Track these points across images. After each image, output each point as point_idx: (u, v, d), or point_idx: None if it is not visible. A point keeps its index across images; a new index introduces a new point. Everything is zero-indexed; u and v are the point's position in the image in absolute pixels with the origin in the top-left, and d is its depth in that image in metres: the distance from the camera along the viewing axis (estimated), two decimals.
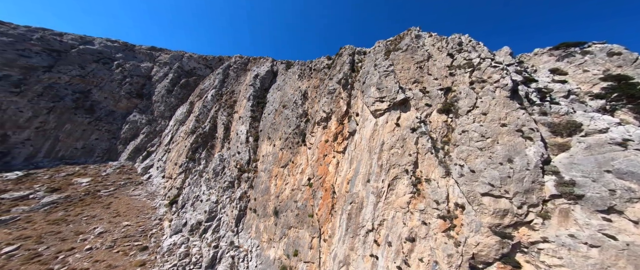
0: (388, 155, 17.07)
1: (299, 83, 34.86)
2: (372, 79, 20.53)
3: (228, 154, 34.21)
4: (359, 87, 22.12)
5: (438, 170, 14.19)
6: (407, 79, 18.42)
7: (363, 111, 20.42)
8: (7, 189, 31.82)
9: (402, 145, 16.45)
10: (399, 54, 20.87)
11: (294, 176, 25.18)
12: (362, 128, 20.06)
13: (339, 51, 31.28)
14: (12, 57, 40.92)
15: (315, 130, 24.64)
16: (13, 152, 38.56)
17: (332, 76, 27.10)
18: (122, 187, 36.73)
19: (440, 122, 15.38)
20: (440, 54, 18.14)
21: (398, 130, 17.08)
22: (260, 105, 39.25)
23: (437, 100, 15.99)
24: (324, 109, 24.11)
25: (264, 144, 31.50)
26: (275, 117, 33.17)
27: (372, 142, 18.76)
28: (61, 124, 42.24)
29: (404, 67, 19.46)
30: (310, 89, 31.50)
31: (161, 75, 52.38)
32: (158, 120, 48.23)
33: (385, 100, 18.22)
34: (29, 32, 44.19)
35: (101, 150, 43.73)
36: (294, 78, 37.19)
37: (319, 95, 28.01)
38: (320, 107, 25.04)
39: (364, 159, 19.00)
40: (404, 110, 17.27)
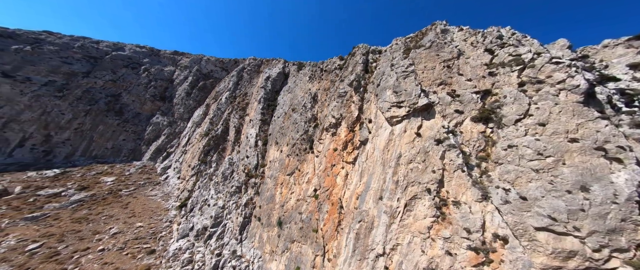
0: (406, 171, 14.11)
1: (309, 85, 32.80)
2: (388, 80, 17.57)
3: (237, 158, 33.37)
4: (373, 90, 19.26)
5: (471, 192, 11.04)
6: (431, 81, 15.19)
7: (377, 117, 17.55)
8: (44, 186, 34.41)
9: (424, 159, 13.39)
10: (421, 52, 17.60)
11: (300, 185, 23.07)
12: (375, 137, 17.22)
13: (352, 50, 28.56)
14: (57, 64, 44.99)
15: (324, 137, 22.26)
16: (55, 151, 42.10)
17: (343, 78, 24.50)
18: (141, 187, 37.94)
19: (475, 133, 12.04)
20: (474, 51, 14.62)
21: (419, 142, 14.00)
22: (270, 108, 38.01)
23: (471, 106, 12.63)
24: (333, 114, 21.63)
25: (272, 149, 29.96)
26: (284, 121, 31.49)
27: (387, 154, 15.86)
28: (95, 126, 45.36)
29: (427, 66, 16.21)
30: (320, 92, 29.23)
31: (181, 79, 54.28)
32: (178, 122, 49.79)
33: (404, 106, 15.19)
34: (72, 41, 48.52)
35: (127, 150, 46.13)
36: (304, 80, 35.25)
37: (329, 98, 25.61)
38: (330, 111, 22.61)
39: (377, 172, 16.18)
40: (427, 117, 14.12)
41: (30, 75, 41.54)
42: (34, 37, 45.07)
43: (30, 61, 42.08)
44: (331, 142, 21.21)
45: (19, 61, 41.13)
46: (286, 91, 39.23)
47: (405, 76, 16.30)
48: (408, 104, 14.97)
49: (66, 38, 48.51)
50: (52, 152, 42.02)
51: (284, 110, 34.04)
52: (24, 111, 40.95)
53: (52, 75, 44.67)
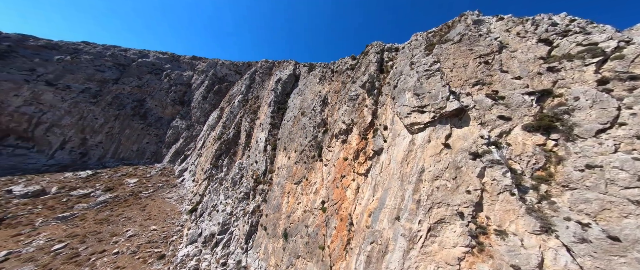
0: (430, 188, 11.42)
1: (319, 87, 30.80)
2: (407, 81, 14.82)
3: (247, 163, 32.51)
4: (389, 93, 16.58)
5: (525, 221, 8.34)
6: (462, 81, 12.20)
7: (394, 124, 14.89)
8: (77, 187, 36.73)
9: (455, 176, 10.60)
10: (448, 48, 14.56)
11: (307, 196, 21.08)
12: (391, 146, 14.58)
13: (365, 49, 25.96)
14: (92, 72, 48.71)
15: (333, 145, 20.03)
16: (90, 153, 45.33)
17: (356, 79, 22.04)
18: (159, 189, 38.98)
19: (529, 145, 8.99)
20: (523, 42, 11.37)
21: (448, 154, 11.17)
22: (280, 111, 36.73)
23: (522, 111, 9.55)
24: (344, 119, 19.30)
25: (281, 154, 28.46)
26: (293, 126, 29.84)
27: (406, 167, 13.18)
28: (123, 129, 48.15)
29: (456, 63, 13.20)
30: (330, 94, 27.04)
31: (198, 83, 55.87)
32: (195, 125, 51.08)
33: (428, 110, 12.41)
34: (104, 49, 52.42)
35: (150, 153, 48.23)
36: (314, 82, 33.34)
37: (339, 101, 23.32)
38: (340, 116, 20.32)
39: (394, 188, 13.60)
40: (459, 124, 11.21)
41: (69, 83, 45.44)
42: (73, 48, 49.43)
43: (69, 70, 46.06)
44: (341, 151, 18.91)
45: (61, 70, 45.20)
46: (296, 94, 37.69)
47: (428, 76, 13.47)
48: (433, 108, 12.15)
49: (99, 47, 52.54)
50: (87, 154, 45.28)
51: (293, 114, 32.46)
52: (64, 116, 44.71)
53: (88, 82, 48.39)
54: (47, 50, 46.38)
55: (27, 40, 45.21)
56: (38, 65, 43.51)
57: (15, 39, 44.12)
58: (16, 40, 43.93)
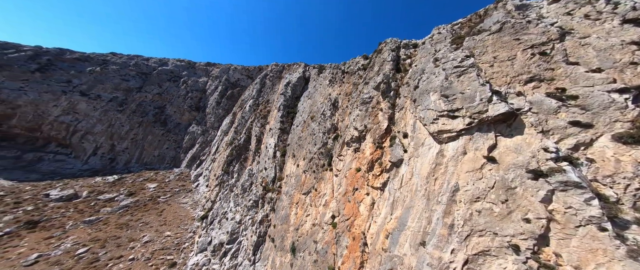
0: (468, 211, 8.97)
1: (328, 90, 28.86)
2: (431, 81, 12.27)
3: (257, 169, 31.54)
4: (408, 94, 14.09)
5: (624, 267, 5.49)
6: (509, 77, 9.45)
7: (416, 131, 12.40)
8: (104, 191, 38.67)
9: (506, 199, 8.09)
10: (485, 39, 11.76)
11: (316, 208, 19.13)
12: (413, 157, 12.11)
13: (378, 47, 23.52)
14: (118, 81, 51.90)
15: (344, 153, 17.89)
16: (117, 159, 48.00)
17: (368, 80, 19.73)
18: (176, 194, 39.72)
19: (628, 162, 6.17)
20: (597, 25, 8.40)
21: (493, 170, 8.56)
22: (290, 115, 35.40)
23: (610, 115, 6.72)
24: (356, 126, 17.10)
25: (289, 161, 26.91)
26: (303, 131, 28.19)
27: (433, 184, 10.70)
28: (146, 136, 50.44)
29: (498, 57, 10.42)
30: (341, 97, 24.95)
31: (212, 89, 57.08)
32: (209, 131, 51.99)
33: (461, 115, 9.83)
34: (128, 59, 55.79)
35: (169, 158, 49.89)
36: (324, 84, 31.49)
37: (350, 105, 21.13)
38: (351, 121, 18.14)
39: (417, 207, 11.22)
40: (508, 133, 8.53)
41: (100, 93, 48.82)
42: (102, 59, 53.26)
43: (99, 80, 49.53)
44: (353, 160, 16.72)
45: (92, 81, 48.76)
46: (306, 97, 36.13)
47: (459, 73, 10.84)
48: (468, 112, 9.55)
49: (124, 57, 56.04)
50: (115, 159, 47.99)
51: (302, 119, 30.85)
52: (96, 124, 47.95)
53: (115, 91, 51.58)
54: (80, 62, 50.40)
55: (64, 53, 49.55)
56: (73, 77, 47.36)
57: (54, 52, 48.56)
58: (55, 54, 48.32)
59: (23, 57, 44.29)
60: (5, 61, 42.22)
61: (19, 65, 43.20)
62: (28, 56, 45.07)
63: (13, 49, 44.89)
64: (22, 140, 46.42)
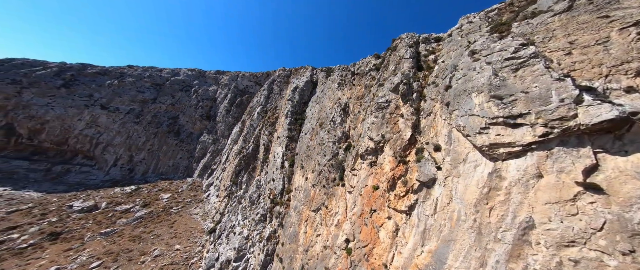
0: (554, 259, 6.03)
1: (338, 93, 26.42)
2: (472, 78, 9.37)
3: (265, 180, 29.70)
4: (437, 96, 11.23)
5: None
6: (604, 68, 6.38)
7: (452, 143, 9.51)
8: (121, 202, 39.05)
9: (631, 248, 4.96)
10: (548, 21, 8.71)
11: (327, 228, 16.58)
12: (451, 177, 9.23)
13: (392, 44, 20.76)
14: (134, 93, 53.53)
15: (358, 167, 15.25)
16: (136, 169, 48.97)
17: (383, 81, 17.02)
18: (188, 204, 39.15)
19: None
20: None
21: (597, 204, 5.51)
22: (298, 122, 33.38)
23: None
24: (371, 135, 14.43)
25: (298, 173, 24.67)
26: (311, 139, 25.90)
27: (487, 214, 7.85)
28: (161, 146, 51.17)
29: (577, 42, 7.36)
30: (352, 101, 22.38)
31: (222, 97, 57.11)
32: (220, 140, 51.65)
33: (528, 123, 6.89)
34: (143, 71, 57.64)
35: (183, 168, 50.08)
36: (332, 88, 29.12)
37: (363, 110, 18.48)
38: (365, 130, 15.49)
39: (462, 241, 8.44)
40: (619, 149, 5.49)
41: (118, 106, 50.58)
42: (119, 72, 55.47)
43: (117, 93, 51.38)
44: (369, 176, 14.03)
45: (111, 94, 50.69)
46: (314, 102, 33.98)
47: (517, 66, 7.90)
48: (541, 119, 6.60)
49: (139, 69, 58.03)
50: (133, 170, 49.01)
51: (311, 125, 28.63)
52: (116, 137, 49.47)
53: (132, 104, 53.18)
54: (100, 76, 52.76)
55: (86, 68, 52.20)
56: (94, 91, 49.54)
57: (77, 68, 51.28)
58: (78, 70, 51.01)
59: (49, 74, 47.10)
60: (34, 78, 45.07)
61: (46, 81, 45.90)
62: (54, 72, 47.87)
63: (40, 66, 47.96)
64: (52, 154, 48.91)
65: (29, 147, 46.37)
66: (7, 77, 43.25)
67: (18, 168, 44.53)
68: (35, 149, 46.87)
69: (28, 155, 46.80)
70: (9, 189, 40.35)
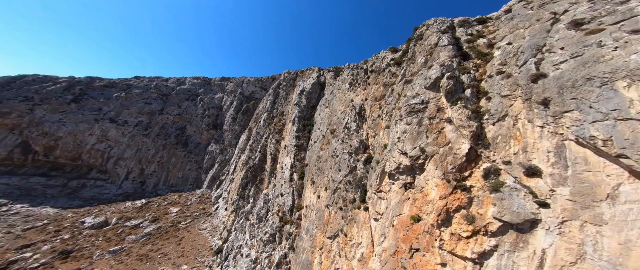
0: None
1: (350, 95, 22.87)
2: (601, 59, 5.48)
3: (273, 194, 26.59)
4: (515, 92, 7.37)
5: None
6: None
7: (573, 165, 5.65)
8: (131, 217, 37.53)
9: None
10: None
11: (348, 261, 13.00)
12: (572, 221, 5.34)
13: (415, 33, 16.95)
14: (141, 105, 52.83)
15: (386, 189, 11.56)
16: (147, 182, 47.86)
17: (410, 77, 13.25)
18: (196, 218, 36.98)
19: None
20: None
21: None
22: (306, 128, 30.11)
23: None
24: (404, 148, 10.70)
25: (308, 188, 21.25)
26: (322, 148, 22.46)
27: None
28: (170, 158, 49.88)
29: None
30: (369, 103, 18.72)
31: (228, 104, 55.24)
32: (227, 149, 49.58)
33: None
34: (149, 82, 57.08)
35: (192, 179, 48.41)
36: (343, 88, 25.62)
37: (384, 114, 14.76)
38: (394, 141, 11.76)
39: None
40: None
41: (126, 119, 49.97)
42: (126, 84, 55.19)
43: (125, 106, 50.84)
44: (405, 202, 10.32)
45: (119, 107, 50.22)
46: (323, 106, 30.61)
47: None
48: None
49: (146, 80, 57.53)
50: (145, 182, 47.94)
51: (321, 132, 25.23)
52: (126, 150, 48.72)
53: (140, 116, 52.46)
54: (108, 89, 52.57)
55: (94, 81, 52.20)
56: (103, 105, 49.23)
57: (86, 82, 51.34)
58: (86, 83, 51.03)
59: (59, 90, 47.22)
60: (45, 95, 45.24)
61: (56, 97, 45.97)
62: (63, 87, 47.98)
63: (50, 82, 48.25)
64: (69, 169, 48.86)
65: (47, 163, 46.56)
66: (20, 94, 43.63)
67: (36, 184, 44.61)
68: (53, 165, 46.99)
69: (46, 171, 46.99)
70: (27, 206, 40.09)
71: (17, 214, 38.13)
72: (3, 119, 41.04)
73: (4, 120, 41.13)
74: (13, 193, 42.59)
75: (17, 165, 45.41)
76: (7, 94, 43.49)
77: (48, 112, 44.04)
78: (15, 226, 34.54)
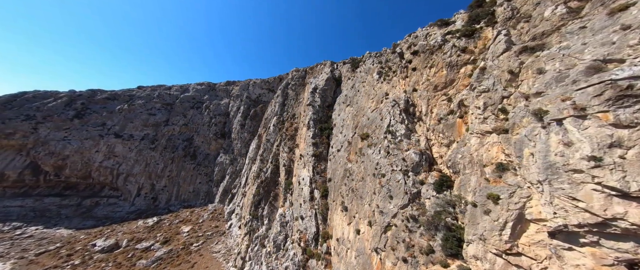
0: None
1: (382, 87, 17.33)
2: None
3: (290, 215, 21.89)
4: None
5: None
6: None
7: None
8: (142, 238, 34.79)
9: None
10: None
11: None
12: None
13: None
14: (146, 117, 50.43)
15: (532, 252, 6.10)
16: (159, 198, 45.49)
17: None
18: (209, 239, 33.58)
19: None
20: None
21: None
22: (324, 132, 25.05)
23: None
24: (614, 177, 5.19)
25: (338, 214, 16.10)
26: (350, 159, 17.21)
27: None
28: (179, 172, 47.16)
29: None
30: (421, 95, 13.14)
31: (235, 110, 51.51)
32: (237, 159, 45.93)
33: None
34: (152, 91, 54.66)
35: (203, 193, 45.42)
36: (369, 80, 20.12)
37: (477, 108, 9.17)
38: (551, 157, 6.25)
39: None
40: None
41: (132, 132, 47.76)
42: (129, 94, 53.09)
43: (129, 118, 48.62)
44: None
45: (123, 120, 48.06)
46: (342, 104, 25.31)
47: None
48: None
49: (148, 89, 55.14)
50: (157, 198, 45.60)
51: (345, 137, 19.99)
52: (135, 166, 46.53)
53: (145, 128, 50.08)
54: (110, 101, 50.63)
55: (96, 94, 50.43)
56: (106, 119, 47.26)
57: (87, 95, 49.64)
58: (87, 97, 49.31)
59: (61, 105, 45.67)
60: (47, 112, 43.78)
61: (58, 114, 44.39)
62: (64, 103, 46.39)
63: (51, 97, 46.85)
64: (82, 187, 47.57)
65: (60, 183, 45.45)
66: (21, 112, 42.40)
67: (51, 205, 43.53)
68: (67, 184, 45.84)
69: (60, 191, 45.95)
70: (41, 228, 38.73)
71: (31, 237, 36.65)
72: (8, 140, 39.72)
73: (9, 142, 39.83)
74: (28, 215, 41.57)
75: (31, 187, 44.52)
76: (8, 114, 42.32)
77: (52, 130, 42.50)
78: (29, 250, 32.86)
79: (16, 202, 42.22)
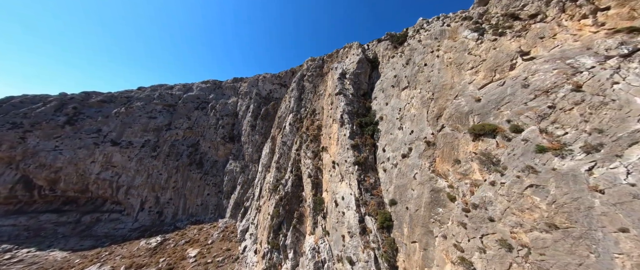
0: None
1: (502, 44, 9.88)
2: None
3: (326, 249, 14.91)
4: None
5: None
6: None
7: None
8: (143, 264, 29.16)
9: None
10: None
11: None
12: None
13: None
14: (145, 121, 45.42)
15: None
16: (164, 212, 40.28)
17: None
18: (220, 267, 27.39)
19: None
20: None
21: None
22: (365, 130, 17.92)
23: None
24: None
25: (428, 259, 8.87)
26: (436, 169, 9.93)
27: None
28: (185, 182, 41.85)
29: None
30: None
31: (244, 109, 45.55)
32: (249, 166, 39.80)
33: None
34: (152, 91, 49.79)
35: (213, 206, 39.79)
36: (452, 46, 12.69)
37: None
38: None
39: None
40: None
41: (131, 139, 42.91)
42: (126, 96, 48.44)
43: (127, 123, 43.79)
44: None
45: (120, 125, 43.29)
46: (390, 88, 18.06)
47: None
48: None
49: (148, 90, 50.34)
50: (162, 212, 40.40)
51: (413, 136, 12.75)
52: (136, 177, 41.55)
53: (145, 134, 45.09)
54: (106, 105, 46.07)
55: (90, 97, 46.02)
56: (102, 124, 42.63)
57: (80, 98, 45.27)
58: (80, 100, 44.92)
59: (50, 110, 41.39)
60: (35, 118, 39.54)
61: (47, 120, 40.07)
62: (54, 107, 42.04)
63: (40, 102, 42.74)
64: (83, 202, 43.09)
65: (58, 197, 41.24)
66: (7, 120, 38.29)
67: (46, 223, 39.20)
68: (66, 199, 41.58)
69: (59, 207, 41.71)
70: (33, 250, 34.07)
71: (21, 262, 31.85)
72: None
73: None
74: (20, 235, 37.22)
75: (26, 203, 40.35)
76: None
77: (41, 140, 38.13)
78: None
79: (9, 221, 37.96)
